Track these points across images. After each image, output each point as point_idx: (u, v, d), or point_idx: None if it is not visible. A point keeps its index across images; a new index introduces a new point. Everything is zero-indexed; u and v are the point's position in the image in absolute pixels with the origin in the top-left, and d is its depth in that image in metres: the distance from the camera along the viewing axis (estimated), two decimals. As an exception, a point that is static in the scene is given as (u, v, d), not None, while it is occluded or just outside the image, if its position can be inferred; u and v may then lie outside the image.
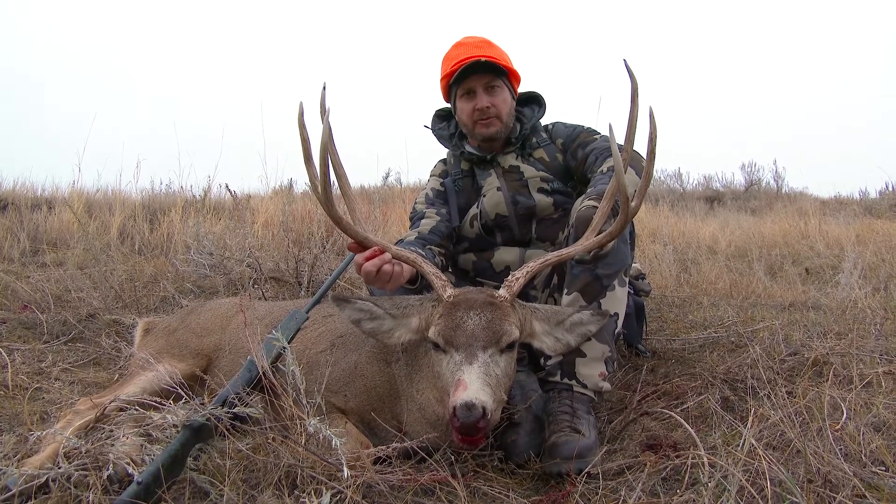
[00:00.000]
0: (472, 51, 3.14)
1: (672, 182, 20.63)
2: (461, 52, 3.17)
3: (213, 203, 8.47)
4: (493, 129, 3.19)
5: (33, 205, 8.07)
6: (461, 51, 3.18)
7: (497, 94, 3.17)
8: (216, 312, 3.09)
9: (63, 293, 4.82)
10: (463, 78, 3.12)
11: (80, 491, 1.88)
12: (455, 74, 3.12)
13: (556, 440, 2.25)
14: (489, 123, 3.17)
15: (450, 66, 3.16)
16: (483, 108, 3.14)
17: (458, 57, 3.14)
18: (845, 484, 1.76)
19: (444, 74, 3.22)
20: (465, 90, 3.17)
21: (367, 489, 1.95)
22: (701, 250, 7.72)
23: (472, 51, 3.14)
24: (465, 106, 3.19)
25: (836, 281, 5.30)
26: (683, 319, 4.41)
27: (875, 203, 14.59)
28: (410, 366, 2.41)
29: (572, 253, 2.43)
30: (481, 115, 3.16)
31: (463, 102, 3.20)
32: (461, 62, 3.10)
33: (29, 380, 3.13)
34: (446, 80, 3.22)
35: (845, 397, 2.30)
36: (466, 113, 3.20)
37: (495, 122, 3.18)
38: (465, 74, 3.10)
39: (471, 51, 3.14)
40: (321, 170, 2.29)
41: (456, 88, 3.21)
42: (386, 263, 2.38)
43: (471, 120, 3.19)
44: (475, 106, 3.15)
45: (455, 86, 3.19)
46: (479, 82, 3.13)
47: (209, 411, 2.06)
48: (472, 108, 3.16)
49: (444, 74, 3.21)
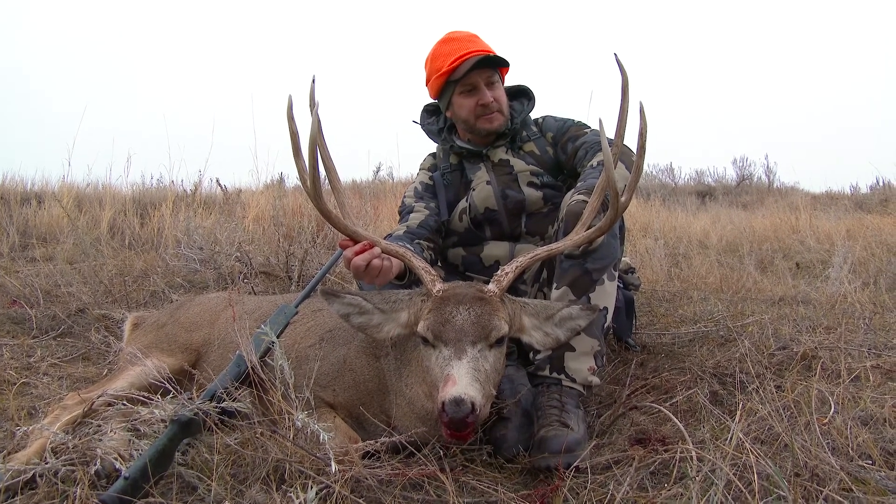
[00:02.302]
0: (467, 45, 3.11)
1: (664, 177, 20.72)
2: (454, 47, 3.14)
3: (204, 197, 8.43)
4: (497, 124, 3.18)
5: (23, 199, 8.00)
6: (454, 46, 3.14)
7: (497, 88, 3.16)
8: (205, 307, 3.08)
9: (52, 288, 4.80)
10: (465, 74, 3.09)
11: (67, 486, 1.87)
12: (455, 70, 3.10)
13: (545, 434, 2.25)
14: (492, 118, 3.17)
15: (447, 62, 3.12)
16: (488, 104, 3.12)
17: (454, 53, 3.11)
18: (832, 477, 1.77)
19: (441, 71, 3.16)
20: (466, 86, 3.14)
21: (356, 484, 1.95)
22: (692, 245, 7.76)
23: (466, 46, 3.12)
24: (467, 102, 3.16)
25: (826, 275, 5.33)
26: (673, 314, 4.42)
27: (866, 198, 14.65)
28: (399, 360, 2.41)
29: (562, 247, 2.43)
30: (485, 110, 3.14)
31: (463, 98, 3.17)
32: (461, 58, 3.07)
33: (17, 375, 3.11)
34: (444, 76, 3.16)
35: (833, 391, 2.32)
36: (468, 109, 3.17)
37: (498, 117, 3.18)
38: (469, 70, 3.07)
39: (465, 46, 3.12)
40: (310, 163, 2.28)
41: (455, 85, 3.16)
42: (375, 258, 2.37)
43: (473, 115, 3.17)
44: (478, 101, 3.13)
45: (455, 82, 3.15)
46: (480, 77, 3.11)
47: (197, 406, 2.06)
48: (475, 104, 3.14)
49: (442, 71, 3.15)
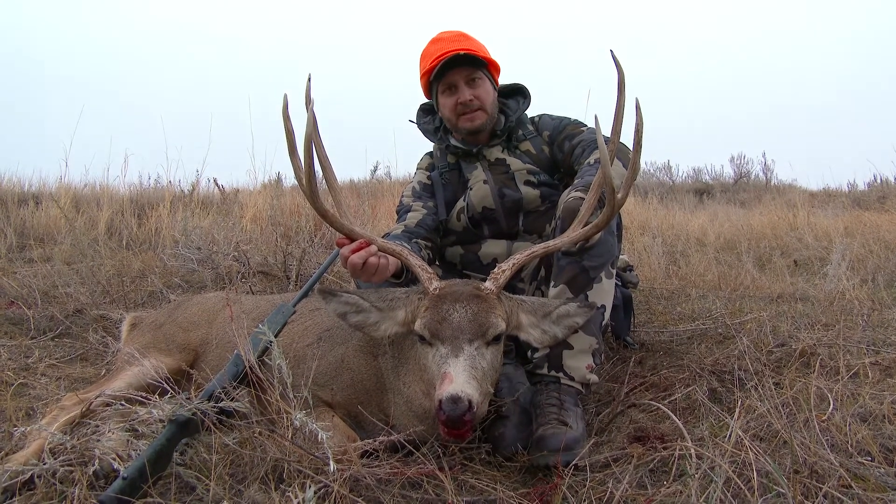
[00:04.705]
0: (450, 45, 3.13)
1: (661, 174, 20.71)
2: (438, 47, 3.16)
3: (202, 197, 8.44)
4: (479, 122, 3.18)
5: (20, 200, 7.99)
6: (438, 46, 3.17)
7: (479, 85, 3.16)
8: (203, 307, 3.08)
9: (50, 289, 4.79)
10: (443, 73, 3.11)
11: (65, 487, 1.86)
12: (435, 70, 3.11)
13: (544, 433, 2.25)
14: (474, 117, 3.17)
15: (428, 62, 3.15)
16: (466, 102, 3.13)
17: (435, 53, 3.13)
18: (831, 474, 1.77)
19: (423, 71, 3.22)
20: (446, 85, 3.17)
21: (354, 483, 1.95)
22: (690, 242, 7.75)
23: (449, 45, 3.13)
24: (448, 101, 3.18)
25: (825, 273, 5.32)
26: (672, 311, 4.42)
27: (863, 195, 14.63)
28: (397, 359, 2.41)
29: (559, 245, 2.43)
30: (464, 108, 3.15)
31: (445, 98, 3.20)
32: (439, 57, 3.09)
33: (15, 375, 3.10)
34: (426, 76, 3.21)
35: (832, 388, 2.32)
36: (449, 108, 3.19)
37: (480, 115, 3.17)
38: (446, 69, 3.10)
39: (448, 45, 3.13)
40: (306, 161, 2.28)
41: (437, 84, 3.20)
42: (372, 256, 2.37)
43: (454, 114, 3.19)
44: (458, 100, 3.14)
45: (436, 82, 3.19)
46: (459, 76, 3.12)
47: (195, 406, 2.05)
48: (455, 103, 3.15)
49: (424, 71, 3.21)
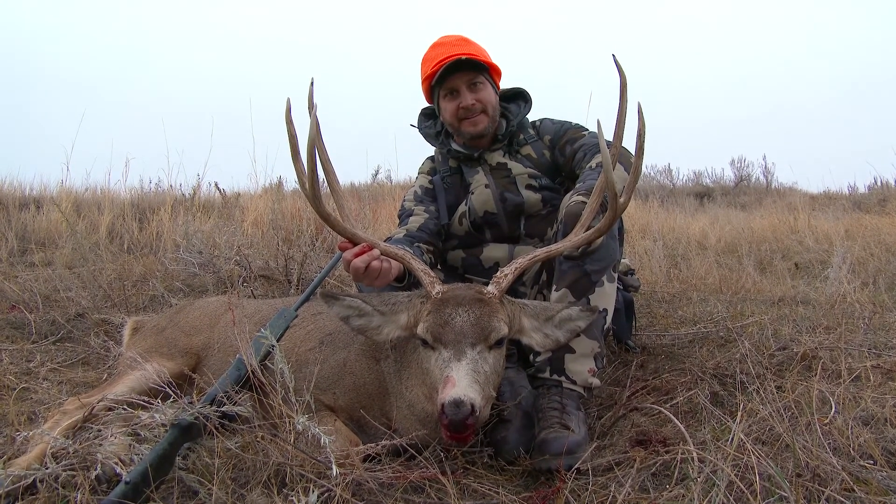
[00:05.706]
0: (451, 50, 3.13)
1: (662, 178, 20.75)
2: (440, 52, 3.16)
3: (203, 201, 8.44)
4: (481, 126, 3.18)
5: (21, 204, 8.00)
6: (439, 51, 3.17)
7: (481, 90, 3.16)
8: (205, 311, 3.08)
9: (51, 293, 4.80)
10: (445, 77, 3.12)
11: (67, 491, 1.87)
12: (436, 75, 3.12)
13: (546, 436, 2.25)
14: (476, 121, 3.17)
15: (430, 66, 3.16)
16: (468, 106, 3.13)
17: (437, 57, 3.14)
18: (834, 478, 1.77)
19: (424, 76, 3.22)
20: (447, 90, 3.17)
21: (357, 487, 1.95)
22: (691, 246, 7.75)
23: (450, 50, 3.13)
24: (449, 105, 3.18)
25: (825, 276, 5.32)
26: (673, 315, 4.42)
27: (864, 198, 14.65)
28: (399, 363, 2.41)
29: (561, 249, 2.43)
30: (466, 112, 3.15)
31: (446, 102, 3.20)
32: (441, 62, 3.09)
33: (17, 380, 3.11)
34: (428, 81, 3.22)
35: (834, 391, 2.31)
36: (451, 112, 3.19)
37: (482, 119, 3.17)
38: (447, 74, 3.10)
39: (449, 50, 3.13)
40: (308, 166, 2.29)
41: (438, 89, 3.20)
42: (374, 260, 2.37)
43: (456, 119, 3.19)
44: (460, 104, 3.14)
45: (437, 86, 3.19)
46: (461, 80, 3.13)
47: (198, 410, 2.05)
48: (457, 107, 3.15)
49: (425, 76, 3.21)
